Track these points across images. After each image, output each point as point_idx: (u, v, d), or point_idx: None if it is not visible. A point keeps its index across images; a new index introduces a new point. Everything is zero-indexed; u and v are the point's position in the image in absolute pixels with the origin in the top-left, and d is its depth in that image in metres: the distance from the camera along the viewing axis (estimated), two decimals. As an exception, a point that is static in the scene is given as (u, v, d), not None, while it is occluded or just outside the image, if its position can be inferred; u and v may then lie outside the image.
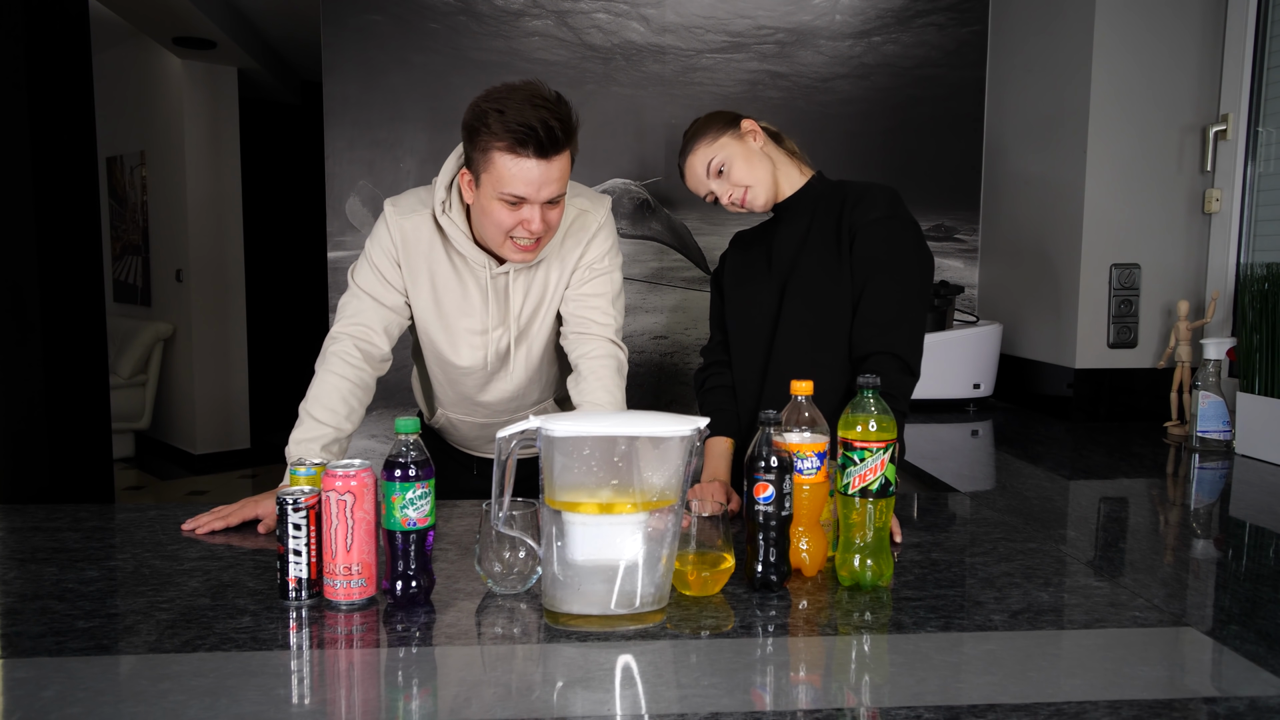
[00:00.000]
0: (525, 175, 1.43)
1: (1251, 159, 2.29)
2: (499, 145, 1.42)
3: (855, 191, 1.63)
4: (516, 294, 1.66)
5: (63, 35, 3.30)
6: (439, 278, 1.64)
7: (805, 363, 1.60)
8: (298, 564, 1.10)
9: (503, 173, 1.44)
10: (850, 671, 0.98)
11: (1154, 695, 0.89)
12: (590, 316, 1.67)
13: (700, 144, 1.68)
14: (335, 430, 1.55)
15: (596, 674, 0.93)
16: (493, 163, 1.44)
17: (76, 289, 3.42)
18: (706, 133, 1.68)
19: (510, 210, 1.47)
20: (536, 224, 1.48)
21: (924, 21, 2.83)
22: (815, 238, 1.63)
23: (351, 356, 1.61)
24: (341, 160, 2.71)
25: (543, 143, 1.42)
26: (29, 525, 1.43)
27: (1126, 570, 1.28)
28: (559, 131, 1.43)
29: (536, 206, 1.47)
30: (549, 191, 1.47)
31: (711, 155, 1.66)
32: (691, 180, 1.71)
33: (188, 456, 6.01)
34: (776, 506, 1.14)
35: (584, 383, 1.64)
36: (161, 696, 0.87)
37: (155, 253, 6.16)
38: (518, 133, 1.40)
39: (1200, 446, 2.06)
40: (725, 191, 1.67)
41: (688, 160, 1.70)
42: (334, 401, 1.56)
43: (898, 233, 1.58)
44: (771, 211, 1.73)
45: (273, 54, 6.14)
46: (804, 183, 1.70)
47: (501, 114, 1.42)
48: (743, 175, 1.65)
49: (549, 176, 1.45)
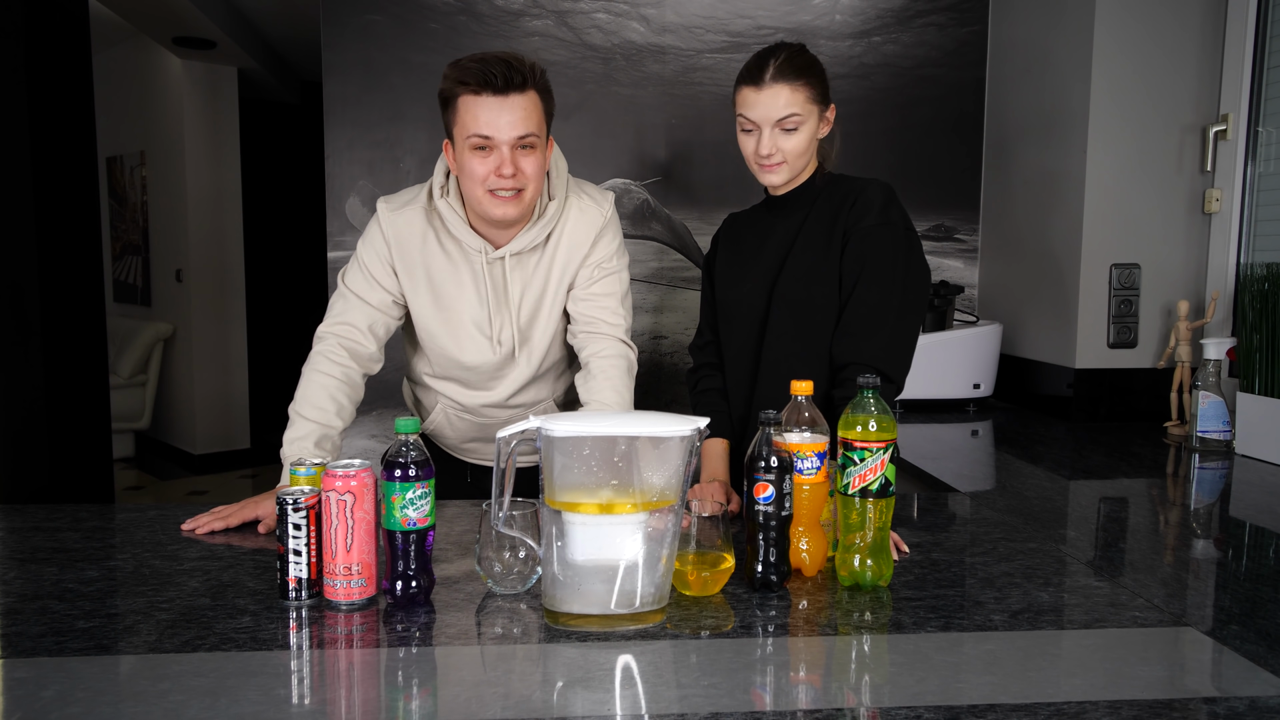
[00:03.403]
0: (486, 114, 1.47)
1: (1251, 159, 2.29)
2: (460, 90, 1.48)
3: (853, 191, 1.60)
4: (515, 281, 1.65)
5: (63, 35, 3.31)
6: (435, 270, 1.64)
7: (792, 370, 1.55)
8: (298, 564, 1.10)
9: (466, 115, 1.48)
10: (850, 671, 0.98)
11: (1154, 695, 0.89)
12: (600, 316, 1.67)
13: (797, 86, 1.53)
14: (324, 427, 1.55)
15: (596, 674, 0.93)
16: (458, 110, 1.49)
17: (76, 289, 3.43)
18: (806, 80, 1.54)
19: (482, 158, 1.50)
20: (508, 167, 1.49)
21: (924, 21, 2.83)
22: (808, 236, 1.61)
23: (337, 355, 1.61)
24: (341, 160, 2.71)
25: (497, 80, 1.46)
26: (29, 525, 1.43)
27: (1126, 570, 1.28)
28: (516, 70, 1.47)
29: (506, 148, 1.49)
30: (511, 129, 1.48)
31: (797, 109, 1.53)
32: (755, 101, 1.55)
33: (188, 456, 6.01)
34: (776, 506, 1.14)
35: (593, 381, 1.64)
36: (161, 696, 0.87)
37: (155, 253, 6.16)
38: (473, 70, 1.47)
39: (1200, 446, 2.06)
40: (771, 145, 1.55)
41: (775, 86, 1.53)
42: (321, 399, 1.56)
43: (888, 241, 1.55)
44: (765, 192, 1.70)
45: (273, 54, 6.14)
46: (808, 176, 1.65)
47: (459, 63, 1.50)
48: (796, 149, 1.56)
49: (512, 115, 1.48)
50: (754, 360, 1.65)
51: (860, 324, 1.53)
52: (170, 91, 5.85)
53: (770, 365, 1.62)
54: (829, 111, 1.60)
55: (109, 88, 5.90)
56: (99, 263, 3.64)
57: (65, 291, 3.32)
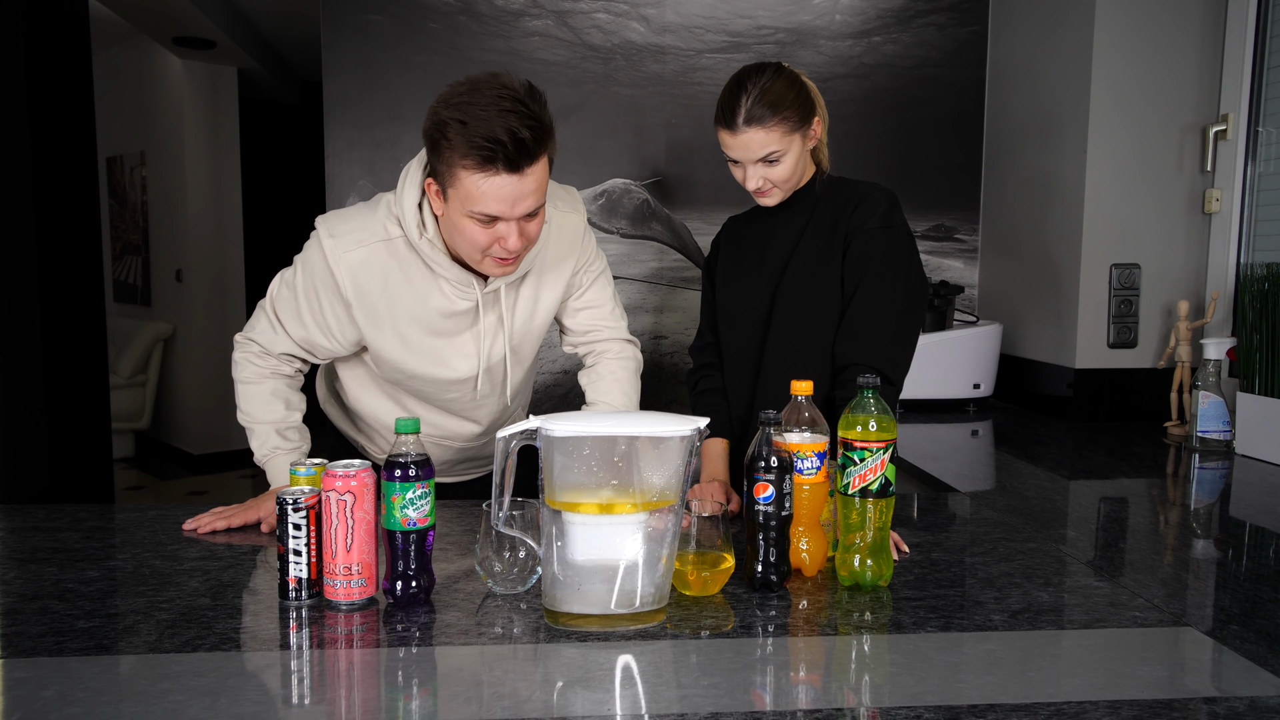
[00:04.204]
0: (497, 193, 1.27)
1: (1251, 159, 2.29)
2: (465, 163, 1.26)
3: (856, 194, 1.60)
4: (509, 309, 1.54)
5: (63, 35, 3.30)
6: (405, 308, 1.47)
7: (795, 370, 1.54)
8: (298, 564, 1.10)
9: (472, 192, 1.28)
10: (850, 671, 0.98)
11: (1154, 695, 0.88)
12: (601, 323, 1.66)
13: (772, 126, 1.50)
14: (279, 422, 1.53)
15: (596, 674, 0.93)
16: (459, 180, 1.28)
17: (76, 289, 3.42)
18: (780, 116, 1.50)
19: (484, 228, 1.32)
20: (514, 241, 1.33)
21: (924, 21, 2.83)
22: (810, 239, 1.61)
23: (261, 361, 1.54)
24: (341, 160, 2.71)
25: (513, 157, 1.25)
26: (29, 525, 1.43)
27: (1126, 570, 1.28)
28: (529, 141, 1.25)
29: (513, 223, 1.32)
30: (524, 207, 1.31)
31: (775, 146, 1.52)
32: (732, 144, 1.53)
33: (187, 456, 6.01)
34: (776, 506, 1.14)
35: (601, 382, 1.64)
36: (161, 696, 0.87)
37: (155, 252, 6.16)
38: (484, 149, 1.24)
39: (1200, 446, 2.06)
40: (758, 177, 1.55)
41: (749, 131, 1.50)
42: (264, 399, 1.53)
43: (891, 244, 1.56)
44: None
45: (272, 54, 6.14)
46: (809, 178, 1.64)
47: (464, 125, 1.24)
48: (783, 176, 1.55)
49: (524, 191, 1.29)
50: (756, 361, 1.65)
51: (864, 325, 1.54)
52: (170, 91, 5.85)
53: (773, 366, 1.61)
54: (813, 127, 1.57)
55: (109, 88, 5.90)
56: (99, 263, 3.63)
57: (65, 291, 3.32)
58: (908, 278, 1.56)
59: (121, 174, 6.37)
